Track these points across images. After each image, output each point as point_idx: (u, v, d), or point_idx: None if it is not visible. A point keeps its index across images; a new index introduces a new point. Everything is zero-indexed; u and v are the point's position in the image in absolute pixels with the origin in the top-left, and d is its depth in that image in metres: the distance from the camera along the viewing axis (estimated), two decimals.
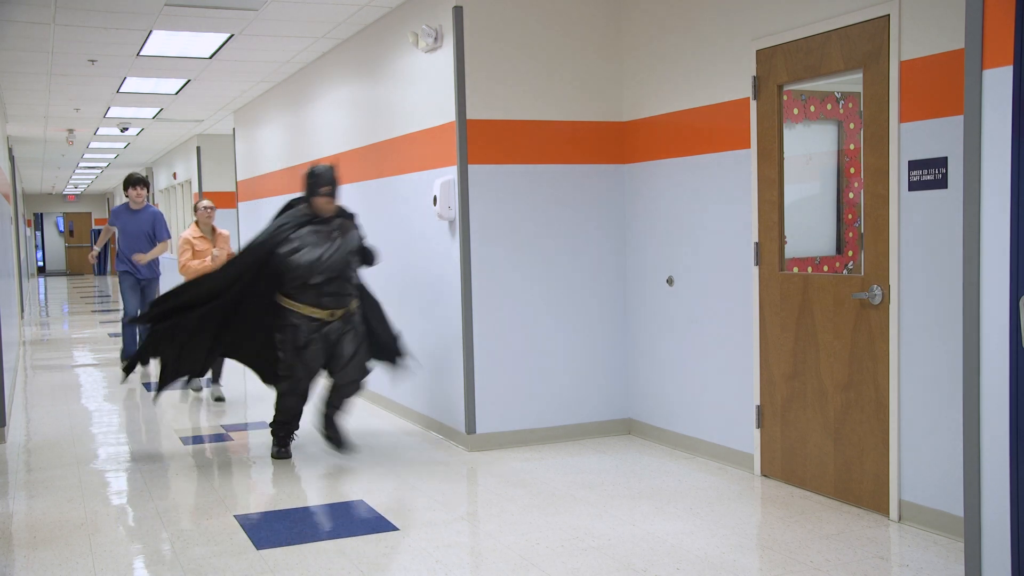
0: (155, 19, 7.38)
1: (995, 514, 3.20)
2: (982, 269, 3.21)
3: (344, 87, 8.54)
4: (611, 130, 6.59)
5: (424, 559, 4.32)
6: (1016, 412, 3.12)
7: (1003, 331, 3.14)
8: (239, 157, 13.31)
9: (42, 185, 28.84)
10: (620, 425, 6.67)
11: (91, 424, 7.59)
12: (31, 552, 4.55)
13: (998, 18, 3.12)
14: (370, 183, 7.96)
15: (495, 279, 6.31)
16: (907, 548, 4.29)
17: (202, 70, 9.63)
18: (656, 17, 6.20)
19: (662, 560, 4.22)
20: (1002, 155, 3.12)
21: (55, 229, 38.00)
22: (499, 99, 6.27)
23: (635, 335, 6.60)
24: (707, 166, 5.83)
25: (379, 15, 7.40)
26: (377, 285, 7.88)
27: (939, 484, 4.43)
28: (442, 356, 6.64)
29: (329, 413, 6.31)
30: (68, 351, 12.49)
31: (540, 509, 4.99)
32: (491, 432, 6.33)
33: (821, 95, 6.73)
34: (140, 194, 9.70)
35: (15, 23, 7.38)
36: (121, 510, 5.26)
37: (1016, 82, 3.07)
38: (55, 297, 24.37)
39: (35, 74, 9.54)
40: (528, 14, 6.33)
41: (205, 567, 4.27)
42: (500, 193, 6.31)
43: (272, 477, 5.91)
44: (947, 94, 4.26)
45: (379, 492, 5.41)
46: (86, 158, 20.02)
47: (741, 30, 5.47)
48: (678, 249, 6.11)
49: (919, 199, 4.45)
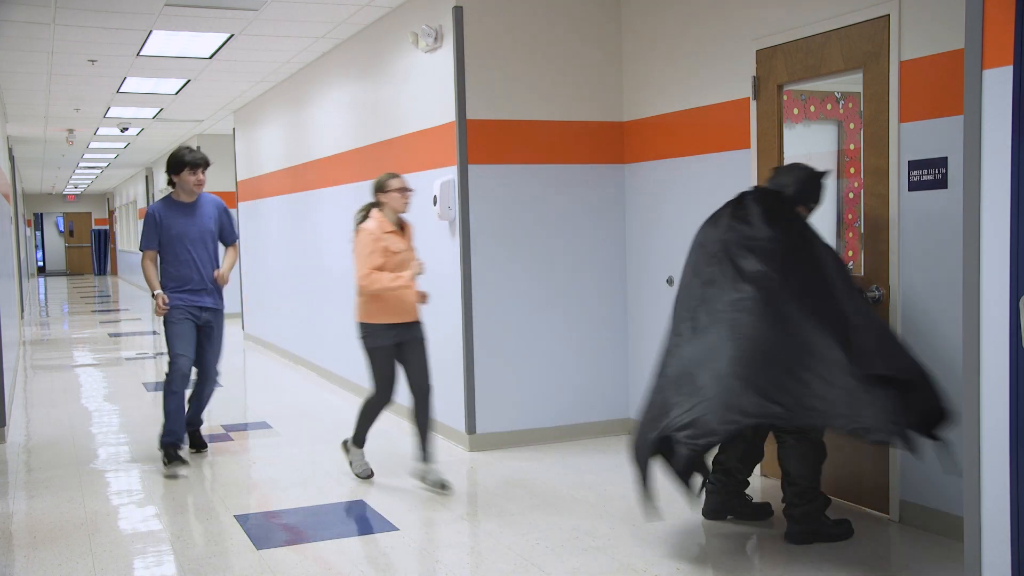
0: (155, 19, 7.38)
1: (995, 514, 3.20)
2: (982, 269, 3.21)
3: (344, 87, 8.54)
4: (611, 130, 6.59)
5: (424, 559, 4.32)
6: (1016, 412, 3.12)
7: (1003, 331, 3.14)
8: (239, 157, 13.31)
9: (42, 185, 28.85)
10: (620, 425, 6.66)
11: (91, 424, 7.59)
12: (31, 552, 4.55)
13: (998, 18, 3.12)
14: (370, 183, 7.94)
15: (495, 279, 6.31)
16: (907, 548, 4.29)
17: (202, 70, 9.63)
18: (656, 17, 6.20)
19: (662, 560, 4.22)
20: (1002, 155, 3.12)
21: (55, 229, 38.01)
22: (499, 99, 6.27)
23: (635, 335, 6.60)
24: (707, 166, 5.83)
25: (379, 15, 7.40)
26: None
27: (939, 484, 4.43)
28: (442, 356, 6.64)
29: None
30: (68, 351, 12.49)
31: (540, 509, 4.99)
32: (491, 432, 6.33)
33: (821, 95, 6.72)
34: (202, 181, 6.12)
35: (15, 23, 7.38)
36: (121, 510, 5.26)
37: (1016, 82, 3.06)
38: (55, 297, 24.37)
39: (35, 74, 9.54)
40: (528, 14, 6.33)
41: (205, 567, 4.27)
42: (500, 193, 6.30)
43: (272, 477, 5.91)
44: (947, 94, 4.26)
45: (379, 492, 5.41)
46: (86, 158, 20.02)
47: (741, 30, 5.47)
48: (678, 249, 6.10)
49: (919, 199, 4.45)
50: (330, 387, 9.08)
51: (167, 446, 6.01)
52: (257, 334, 12.67)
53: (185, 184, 6.07)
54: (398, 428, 7.12)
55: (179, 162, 6.05)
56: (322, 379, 9.52)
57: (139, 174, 24.08)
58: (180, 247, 6.07)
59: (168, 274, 6.11)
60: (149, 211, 6.09)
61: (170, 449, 6.00)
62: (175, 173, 6.09)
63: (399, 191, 5.38)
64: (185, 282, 6.09)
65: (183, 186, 6.09)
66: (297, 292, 10.56)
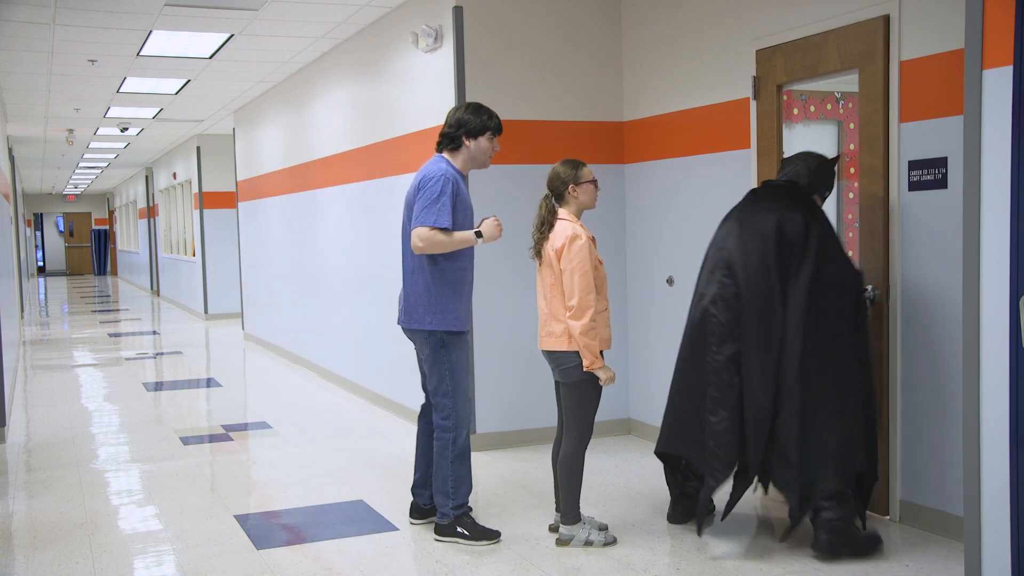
0: (155, 19, 7.38)
1: (995, 514, 3.20)
2: (982, 269, 3.21)
3: (344, 87, 8.54)
4: (611, 130, 6.59)
5: (424, 559, 4.32)
6: (1016, 412, 3.12)
7: (1003, 331, 3.14)
8: (239, 157, 13.31)
9: (42, 185, 28.84)
10: (620, 425, 6.66)
11: (91, 424, 7.59)
12: (31, 552, 4.55)
13: (998, 18, 3.12)
14: (370, 183, 7.96)
15: (495, 279, 6.31)
16: (907, 548, 4.29)
17: (202, 70, 9.63)
18: (656, 17, 6.20)
19: (662, 560, 4.22)
20: (1002, 155, 3.12)
21: (55, 229, 38.00)
22: (499, 99, 6.26)
23: (635, 335, 6.59)
24: (707, 166, 5.83)
25: (379, 15, 7.40)
26: (377, 285, 7.90)
27: (939, 484, 4.43)
28: None
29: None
30: (68, 351, 12.49)
31: (540, 509, 4.99)
32: (491, 432, 6.33)
33: (821, 95, 6.72)
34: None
35: (15, 23, 7.38)
36: (121, 510, 5.26)
37: (1016, 82, 3.06)
38: (55, 297, 24.37)
39: (35, 74, 9.54)
40: (528, 14, 6.33)
41: (205, 567, 4.27)
42: (500, 193, 6.30)
43: (272, 477, 5.91)
44: (947, 94, 4.26)
45: (379, 492, 5.41)
46: (86, 158, 20.02)
47: (741, 30, 5.47)
48: (678, 249, 6.11)
49: (919, 199, 4.45)
50: (330, 387, 9.08)
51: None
52: (257, 334, 12.67)
53: (482, 151, 4.56)
54: (397, 428, 7.12)
55: (482, 123, 4.52)
56: (322, 379, 9.52)
57: (139, 174, 24.08)
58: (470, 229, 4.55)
59: (449, 277, 4.49)
60: (444, 175, 4.40)
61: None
62: (477, 134, 4.52)
63: (594, 183, 4.44)
64: (467, 287, 4.60)
65: (477, 154, 4.55)
66: (297, 292, 10.56)
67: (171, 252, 19.63)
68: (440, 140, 4.56)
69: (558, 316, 4.31)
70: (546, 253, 4.33)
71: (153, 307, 19.50)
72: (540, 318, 4.43)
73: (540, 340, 4.43)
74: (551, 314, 4.33)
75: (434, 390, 4.55)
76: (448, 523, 4.52)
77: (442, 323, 4.45)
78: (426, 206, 4.34)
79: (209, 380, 9.90)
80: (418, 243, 4.35)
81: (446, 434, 4.50)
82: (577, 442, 4.36)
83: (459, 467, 4.51)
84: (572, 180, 4.36)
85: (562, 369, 4.33)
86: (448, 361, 4.49)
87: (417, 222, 4.35)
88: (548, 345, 4.36)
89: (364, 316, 8.28)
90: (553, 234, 4.32)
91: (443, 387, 4.51)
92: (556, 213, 4.37)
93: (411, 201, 4.49)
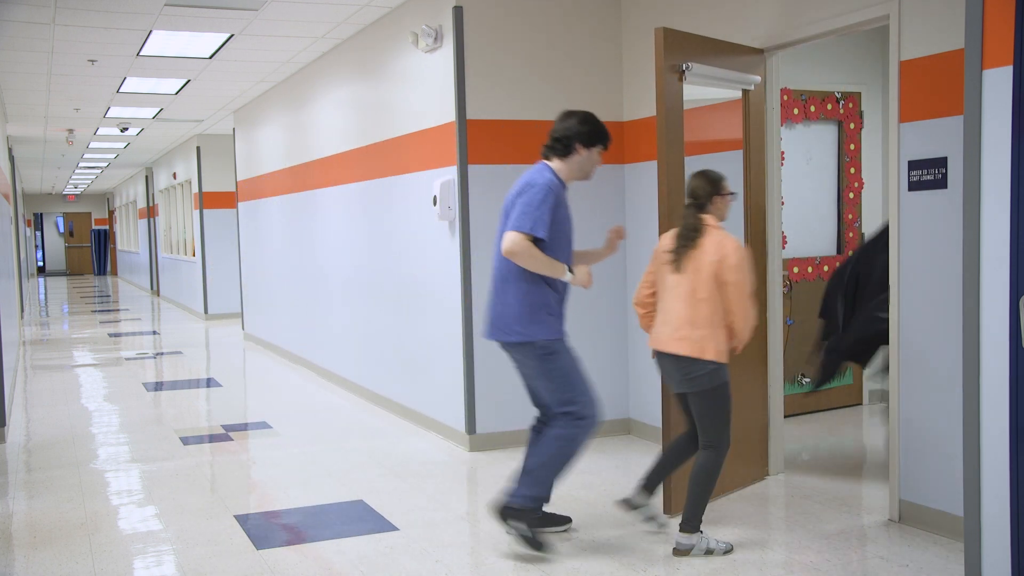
0: (155, 19, 7.38)
1: (995, 514, 3.20)
2: (982, 269, 3.21)
3: (344, 87, 8.54)
4: (611, 130, 6.55)
5: (424, 559, 4.32)
6: (1016, 412, 3.12)
7: (1003, 331, 3.14)
8: (239, 157, 13.31)
9: (42, 185, 28.85)
10: (620, 425, 6.66)
11: (91, 424, 7.59)
12: (31, 552, 4.55)
13: (998, 18, 3.12)
14: (370, 183, 7.96)
15: None
16: (907, 548, 4.29)
17: (202, 70, 9.63)
18: (656, 18, 6.20)
19: (662, 560, 4.22)
20: (1002, 155, 3.12)
21: (55, 229, 38.01)
22: (499, 99, 6.27)
23: (635, 335, 6.59)
24: (707, 166, 5.81)
25: (379, 15, 7.40)
26: (377, 285, 7.90)
27: (939, 484, 4.43)
28: (442, 356, 6.64)
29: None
30: (68, 351, 12.49)
31: None
32: (491, 432, 6.33)
33: (821, 95, 6.73)
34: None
35: (15, 23, 7.38)
36: (121, 510, 5.26)
37: (1016, 82, 3.07)
38: (55, 297, 24.37)
39: (35, 74, 9.54)
40: (528, 14, 6.33)
41: (205, 567, 4.27)
42: (500, 193, 6.26)
43: (272, 477, 5.91)
44: (947, 94, 4.26)
45: (379, 492, 5.41)
46: (86, 158, 20.03)
47: (741, 30, 5.47)
48: None
49: (919, 199, 4.45)
50: (330, 387, 9.08)
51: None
52: (257, 334, 12.67)
53: (591, 162, 4.40)
54: (397, 428, 7.12)
55: (600, 132, 4.38)
56: (322, 379, 9.52)
57: (139, 174, 24.08)
58: (567, 246, 4.37)
59: (543, 299, 4.28)
60: (549, 185, 4.23)
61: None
62: (591, 144, 4.36)
63: (732, 195, 4.42)
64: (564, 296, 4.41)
65: (586, 164, 4.38)
66: (297, 292, 10.57)
67: (171, 252, 19.63)
68: (551, 146, 4.33)
69: (698, 324, 4.13)
70: (692, 261, 4.17)
71: (153, 307, 19.50)
72: (664, 317, 4.25)
73: (663, 342, 4.23)
74: (689, 320, 4.15)
75: (555, 402, 4.24)
76: (521, 509, 4.24)
77: (538, 332, 4.21)
78: (525, 211, 4.15)
79: (209, 380, 9.91)
80: (510, 245, 4.13)
81: (578, 422, 4.23)
82: (715, 452, 4.20)
83: (565, 464, 4.28)
84: (715, 191, 4.33)
85: (690, 378, 4.17)
86: (558, 367, 4.22)
87: (513, 224, 4.15)
88: (677, 349, 4.17)
89: (364, 316, 8.28)
90: (707, 243, 4.17)
91: (564, 396, 4.21)
92: (704, 221, 4.25)
93: (508, 208, 4.28)
